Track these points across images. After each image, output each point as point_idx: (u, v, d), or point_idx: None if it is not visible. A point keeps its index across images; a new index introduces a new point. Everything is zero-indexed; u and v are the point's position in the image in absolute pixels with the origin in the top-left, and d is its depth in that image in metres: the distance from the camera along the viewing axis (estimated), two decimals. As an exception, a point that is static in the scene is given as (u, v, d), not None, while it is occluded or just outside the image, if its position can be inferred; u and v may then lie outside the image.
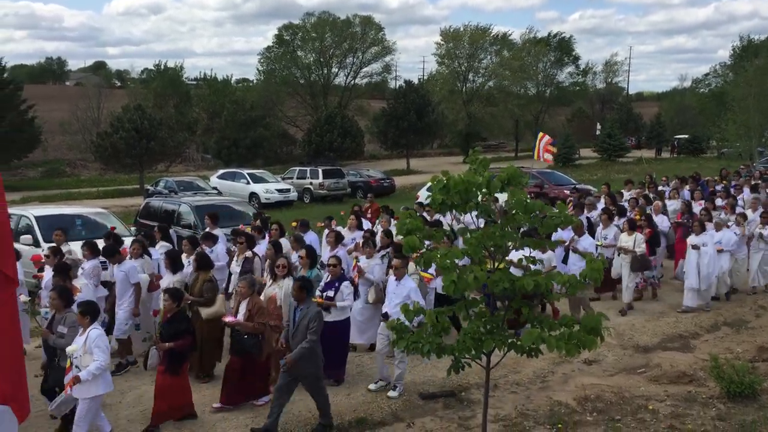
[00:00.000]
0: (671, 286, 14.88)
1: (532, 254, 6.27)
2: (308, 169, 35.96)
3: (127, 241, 13.07)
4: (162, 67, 63.89)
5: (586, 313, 10.52)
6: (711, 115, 49.76)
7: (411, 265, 9.87)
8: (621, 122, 64.91)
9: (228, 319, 8.74)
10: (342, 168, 38.05)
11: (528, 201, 5.48)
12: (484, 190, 5.51)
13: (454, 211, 5.85)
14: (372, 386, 9.41)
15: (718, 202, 16.64)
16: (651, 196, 17.42)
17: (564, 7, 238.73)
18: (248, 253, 11.40)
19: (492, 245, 5.58)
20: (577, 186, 22.50)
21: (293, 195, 32.81)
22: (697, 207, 16.06)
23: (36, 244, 14.15)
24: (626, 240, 13.14)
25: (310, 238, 12.81)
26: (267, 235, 12.78)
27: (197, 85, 66.24)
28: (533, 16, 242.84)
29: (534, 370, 10.27)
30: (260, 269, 11.30)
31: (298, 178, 35.29)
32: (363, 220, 14.94)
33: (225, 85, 63.32)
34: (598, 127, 61.04)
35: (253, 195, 31.54)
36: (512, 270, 5.99)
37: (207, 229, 13.28)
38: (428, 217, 13.73)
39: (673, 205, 16.87)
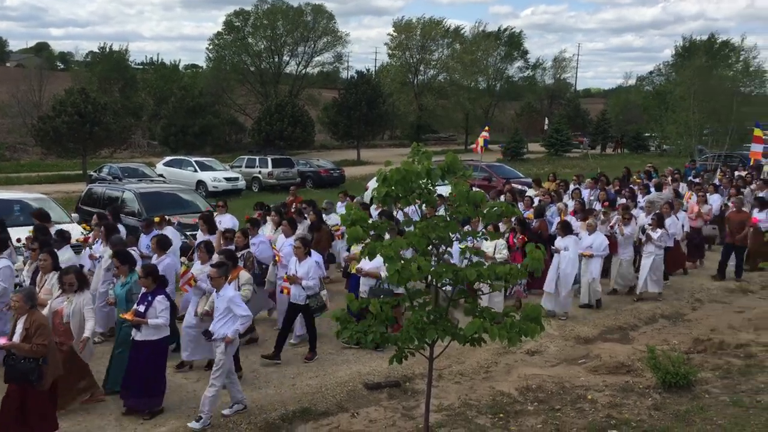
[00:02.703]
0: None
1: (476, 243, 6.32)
2: (257, 158, 35.57)
3: (71, 228, 12.80)
4: (107, 49, 62.26)
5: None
6: (654, 112, 51.00)
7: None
8: (569, 118, 66.02)
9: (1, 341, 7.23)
10: (292, 157, 37.76)
11: (470, 192, 5.52)
12: (423, 180, 5.53)
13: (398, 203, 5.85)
14: (226, 411, 8.25)
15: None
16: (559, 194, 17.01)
17: (517, 2, 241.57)
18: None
19: (435, 236, 5.61)
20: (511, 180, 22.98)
21: (241, 184, 32.42)
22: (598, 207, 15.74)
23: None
24: (487, 246, 11.38)
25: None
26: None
27: (144, 69, 64.73)
28: (487, 10, 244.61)
29: (478, 361, 10.39)
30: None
31: (246, 167, 34.87)
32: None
33: (173, 71, 62.06)
34: (546, 122, 61.95)
35: (200, 183, 31.04)
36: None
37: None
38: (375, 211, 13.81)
39: (572, 205, 15.98)
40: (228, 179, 31.95)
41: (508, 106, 74.53)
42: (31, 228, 11.61)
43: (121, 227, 11.96)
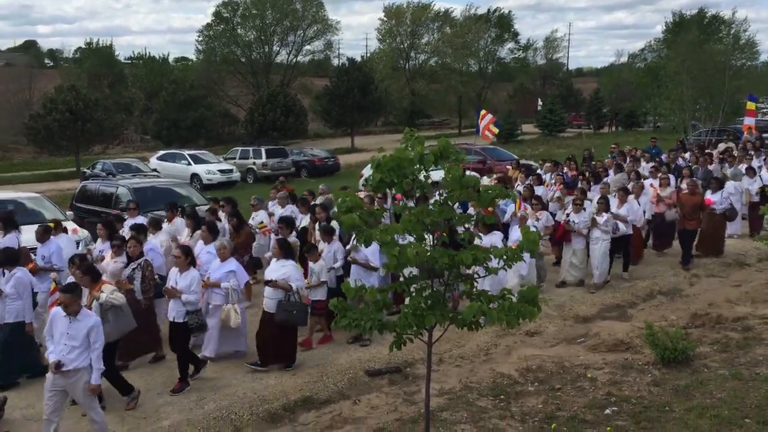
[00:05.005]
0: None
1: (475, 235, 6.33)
2: (251, 149, 35.54)
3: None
4: (94, 45, 61.90)
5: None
6: (646, 89, 50.93)
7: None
8: (562, 98, 65.97)
9: None
10: (285, 147, 37.67)
11: (463, 176, 5.51)
12: (417, 165, 5.52)
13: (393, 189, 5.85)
14: None
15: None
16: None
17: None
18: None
19: (430, 222, 5.61)
20: (519, 161, 22.62)
21: (236, 175, 32.38)
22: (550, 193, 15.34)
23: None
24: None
25: None
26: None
27: (133, 64, 64.38)
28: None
29: (478, 344, 10.43)
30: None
31: (240, 159, 34.83)
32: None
33: (163, 64, 61.74)
34: (540, 102, 61.90)
35: (194, 176, 30.99)
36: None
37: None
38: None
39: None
40: (222, 171, 31.92)
41: (501, 88, 74.39)
42: None
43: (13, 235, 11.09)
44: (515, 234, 11.73)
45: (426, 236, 5.80)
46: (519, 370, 9.43)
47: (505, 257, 5.62)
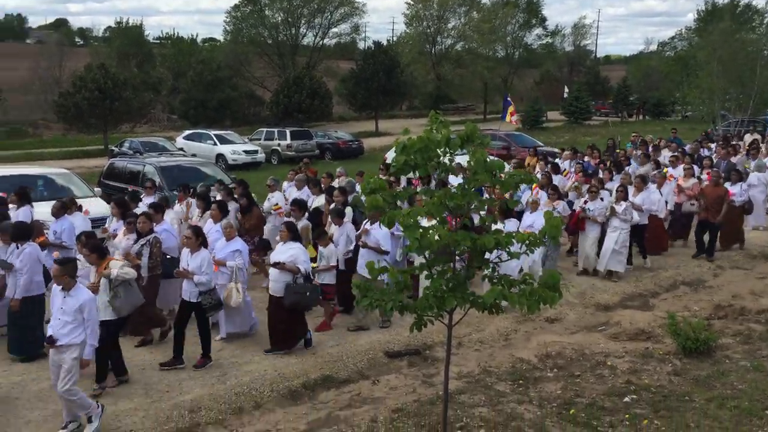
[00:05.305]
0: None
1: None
2: (276, 130, 35.64)
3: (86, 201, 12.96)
4: (124, 24, 62.31)
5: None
6: (675, 78, 50.20)
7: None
8: (588, 85, 65.27)
9: None
10: (310, 130, 37.74)
11: (488, 160, 5.52)
12: (443, 148, 5.54)
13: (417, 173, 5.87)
14: None
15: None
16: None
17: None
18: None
19: (453, 205, 5.64)
20: (537, 149, 22.34)
21: (261, 156, 32.52)
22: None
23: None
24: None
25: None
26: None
27: (161, 44, 64.73)
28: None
29: (498, 329, 10.46)
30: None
31: (265, 140, 34.97)
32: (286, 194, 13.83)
33: (191, 45, 62.01)
34: (566, 90, 61.31)
35: (219, 156, 31.19)
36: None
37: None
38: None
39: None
40: (247, 152, 32.07)
41: (527, 75, 73.70)
42: None
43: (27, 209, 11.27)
44: (527, 220, 11.66)
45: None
46: (538, 356, 9.46)
47: (527, 242, 5.64)
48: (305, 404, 8.13)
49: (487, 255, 5.88)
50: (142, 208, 11.52)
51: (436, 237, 5.73)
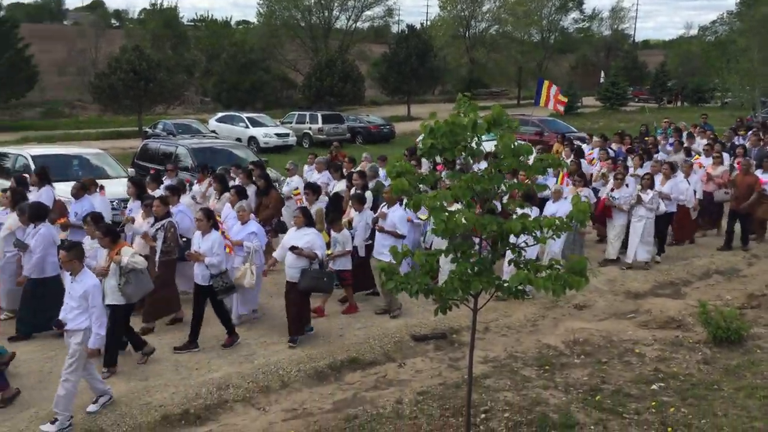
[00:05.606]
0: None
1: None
2: (307, 113, 35.69)
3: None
4: (158, 6, 62.78)
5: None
6: (715, 63, 49.07)
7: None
8: (626, 70, 64.13)
9: None
10: (342, 113, 37.77)
11: (515, 144, 5.48)
12: (469, 132, 5.50)
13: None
14: (91, 407, 7.35)
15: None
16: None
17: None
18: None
19: (480, 189, 5.61)
20: (565, 134, 21.97)
21: (292, 139, 32.65)
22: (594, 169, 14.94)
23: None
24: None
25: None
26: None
27: (195, 26, 65.09)
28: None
29: (525, 315, 10.43)
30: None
31: (297, 123, 35.06)
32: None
33: (224, 27, 62.29)
34: (602, 75, 60.33)
35: (252, 139, 31.40)
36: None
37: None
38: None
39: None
40: (279, 135, 32.22)
41: (563, 59, 72.67)
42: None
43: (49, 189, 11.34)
44: (550, 208, 11.42)
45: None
46: (565, 342, 9.41)
47: (554, 227, 5.59)
48: (331, 384, 8.21)
49: (512, 239, 5.84)
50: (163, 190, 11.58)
51: (463, 220, 5.71)
